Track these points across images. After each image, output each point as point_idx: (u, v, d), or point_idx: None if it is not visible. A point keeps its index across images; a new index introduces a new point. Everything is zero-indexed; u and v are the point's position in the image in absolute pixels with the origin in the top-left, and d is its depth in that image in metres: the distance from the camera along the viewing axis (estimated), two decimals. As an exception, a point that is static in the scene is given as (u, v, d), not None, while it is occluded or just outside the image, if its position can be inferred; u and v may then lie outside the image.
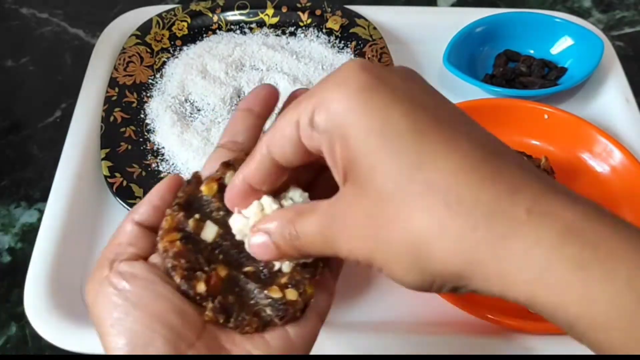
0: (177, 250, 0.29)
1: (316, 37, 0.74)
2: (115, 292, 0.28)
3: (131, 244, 0.30)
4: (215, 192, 0.30)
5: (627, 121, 0.66)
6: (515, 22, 0.73)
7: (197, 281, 0.28)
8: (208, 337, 0.28)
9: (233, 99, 0.68)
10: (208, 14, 0.75)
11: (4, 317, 0.56)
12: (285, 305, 0.29)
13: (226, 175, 0.30)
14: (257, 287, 0.29)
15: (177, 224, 0.29)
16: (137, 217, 0.30)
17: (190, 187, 0.30)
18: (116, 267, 0.29)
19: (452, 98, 0.73)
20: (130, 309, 0.27)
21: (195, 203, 0.30)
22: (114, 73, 0.69)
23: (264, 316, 0.29)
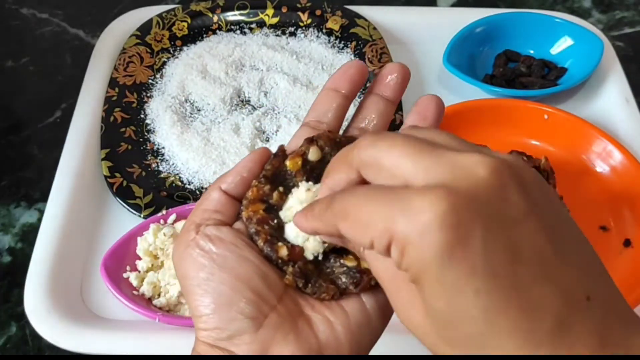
0: (261, 217, 0.30)
1: (316, 37, 0.74)
2: (202, 253, 0.29)
3: (217, 211, 0.31)
4: (300, 167, 0.31)
5: (627, 121, 0.66)
6: (515, 22, 0.73)
7: (279, 246, 0.29)
8: (289, 301, 0.29)
9: (233, 99, 0.68)
10: (208, 14, 0.75)
11: (4, 317, 0.56)
12: (360, 272, 0.29)
13: (310, 150, 0.31)
14: (333, 256, 0.30)
15: (261, 195, 0.30)
16: (224, 186, 0.31)
17: (277, 160, 0.31)
18: (203, 230, 0.30)
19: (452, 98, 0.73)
20: (216, 270, 0.28)
21: (279, 176, 0.31)
22: (114, 73, 0.69)
23: (339, 284, 0.29)
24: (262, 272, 0.29)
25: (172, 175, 0.62)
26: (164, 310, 0.53)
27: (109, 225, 0.60)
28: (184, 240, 0.30)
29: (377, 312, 0.30)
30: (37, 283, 0.53)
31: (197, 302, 0.28)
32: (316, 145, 0.31)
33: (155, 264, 0.55)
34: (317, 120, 0.33)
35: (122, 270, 0.54)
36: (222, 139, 0.63)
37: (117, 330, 0.52)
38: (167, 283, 0.54)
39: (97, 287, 0.55)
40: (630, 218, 0.59)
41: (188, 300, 0.29)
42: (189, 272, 0.29)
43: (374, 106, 0.34)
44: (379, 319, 0.30)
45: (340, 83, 0.33)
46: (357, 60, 0.34)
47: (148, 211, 0.58)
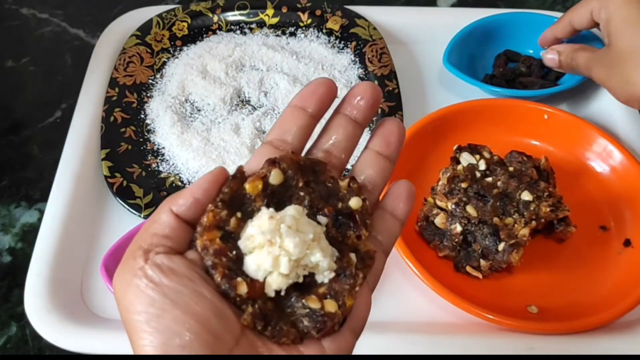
0: (218, 248, 0.27)
1: (316, 37, 0.74)
2: (151, 285, 0.26)
3: (167, 236, 0.28)
4: (260, 191, 0.29)
5: (627, 121, 0.66)
6: (515, 22, 0.73)
7: (238, 282, 0.27)
8: (246, 344, 0.27)
9: (233, 99, 0.68)
10: (208, 14, 0.75)
11: (4, 317, 0.56)
12: (324, 317, 0.28)
13: (272, 173, 0.29)
14: (295, 294, 0.28)
15: (217, 222, 0.28)
16: (175, 209, 0.28)
17: (235, 182, 0.29)
18: (153, 259, 0.27)
19: (452, 98, 0.73)
20: (168, 307, 0.26)
21: (238, 200, 0.29)
22: (114, 73, 0.69)
23: (301, 327, 0.28)
24: (219, 310, 0.26)
25: (172, 175, 0.62)
26: (164, 310, 0.53)
27: (109, 225, 0.60)
28: (130, 268, 0.27)
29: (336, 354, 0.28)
30: (37, 283, 0.53)
31: (144, 340, 0.25)
32: (278, 168, 0.29)
33: (155, 264, 0.55)
34: (280, 139, 0.31)
35: (122, 270, 0.54)
36: (222, 139, 0.63)
37: (117, 330, 0.52)
38: (167, 283, 0.54)
39: (97, 287, 0.55)
40: (630, 218, 0.59)
41: (131, 336, 0.26)
42: (135, 306, 0.26)
43: (340, 128, 0.32)
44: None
45: (307, 102, 0.31)
46: (327, 79, 0.32)
47: (148, 211, 0.58)
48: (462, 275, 0.55)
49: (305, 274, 0.28)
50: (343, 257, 0.29)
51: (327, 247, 0.29)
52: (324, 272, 0.28)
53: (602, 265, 0.56)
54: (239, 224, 0.28)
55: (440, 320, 0.53)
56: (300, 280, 0.28)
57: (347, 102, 0.32)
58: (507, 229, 0.53)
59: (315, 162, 0.31)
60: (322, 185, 0.31)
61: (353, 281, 0.29)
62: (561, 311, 0.53)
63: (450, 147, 0.59)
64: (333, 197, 0.30)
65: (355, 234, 0.30)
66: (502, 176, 0.56)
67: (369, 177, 0.32)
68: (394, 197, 0.32)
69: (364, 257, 0.30)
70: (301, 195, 0.30)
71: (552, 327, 0.51)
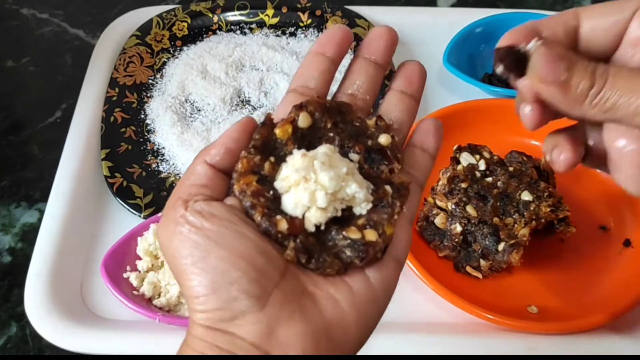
0: (255, 189, 0.28)
1: (316, 37, 0.74)
2: (194, 230, 0.27)
3: (204, 185, 0.28)
4: (290, 135, 0.29)
5: (627, 121, 0.66)
6: (515, 23, 0.71)
7: (278, 219, 0.27)
8: (291, 278, 0.27)
9: (233, 99, 0.68)
10: (208, 15, 0.75)
11: (5, 317, 0.56)
12: (366, 245, 0.28)
13: (299, 116, 0.30)
14: (335, 228, 0.28)
15: (252, 167, 0.29)
16: (209, 159, 0.29)
17: (265, 129, 0.29)
18: (193, 206, 0.27)
19: (451, 98, 0.73)
20: (213, 247, 0.26)
21: (269, 146, 0.29)
22: (114, 73, 0.69)
23: (344, 258, 0.28)
24: (261, 248, 0.27)
25: (172, 175, 0.62)
26: (164, 310, 0.53)
27: (109, 225, 0.60)
28: (172, 218, 0.28)
29: (382, 286, 0.29)
30: (37, 283, 0.53)
31: (193, 282, 0.26)
32: (306, 111, 0.30)
33: (156, 264, 0.55)
34: (304, 85, 0.32)
35: (122, 270, 0.54)
36: (222, 139, 0.63)
37: (117, 330, 0.52)
38: (167, 283, 0.54)
39: (97, 287, 0.55)
40: (630, 218, 0.59)
41: (181, 280, 0.27)
42: (181, 251, 0.27)
43: (362, 70, 0.33)
44: (384, 294, 0.29)
45: (326, 47, 0.32)
46: (342, 25, 0.33)
47: (148, 211, 0.58)
48: (462, 275, 0.55)
49: (343, 207, 0.29)
50: (378, 189, 0.30)
51: (362, 180, 0.29)
52: (361, 204, 0.29)
53: (602, 265, 0.56)
54: (273, 168, 0.29)
55: (440, 320, 0.53)
56: (338, 214, 0.29)
57: (366, 46, 0.33)
58: (507, 229, 0.53)
59: (341, 104, 0.31)
60: (350, 125, 0.31)
61: (391, 210, 0.29)
62: (561, 311, 0.53)
63: (450, 147, 0.59)
64: (362, 135, 0.31)
65: (387, 168, 0.30)
66: (502, 176, 0.56)
67: (396, 117, 0.33)
68: (422, 133, 0.33)
69: (399, 188, 0.30)
70: (330, 135, 0.31)
71: (552, 327, 0.51)
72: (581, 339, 0.50)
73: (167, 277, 0.53)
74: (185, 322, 0.51)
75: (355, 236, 0.28)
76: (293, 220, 0.28)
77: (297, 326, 0.26)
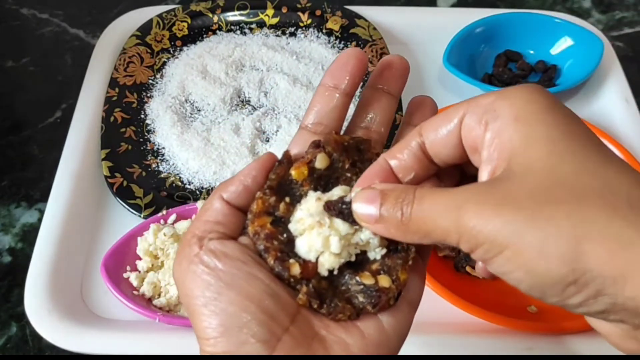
0: (269, 232, 0.28)
1: (316, 37, 0.74)
2: (207, 270, 0.27)
3: (219, 222, 0.29)
4: (306, 176, 0.29)
5: (627, 121, 0.66)
6: (515, 23, 0.73)
7: (291, 264, 0.27)
8: (302, 322, 0.27)
9: (233, 99, 0.68)
10: (208, 15, 0.75)
11: (5, 317, 0.56)
12: (378, 292, 0.28)
13: (317, 157, 0.29)
14: (348, 272, 0.28)
15: (267, 208, 0.29)
16: (226, 196, 0.29)
17: (282, 168, 0.29)
18: (207, 245, 0.28)
19: (452, 98, 0.73)
20: (224, 289, 0.26)
21: (285, 185, 0.29)
22: (114, 73, 0.69)
23: (356, 303, 0.28)
24: (273, 291, 0.27)
25: (172, 176, 0.62)
26: (164, 310, 0.53)
27: (109, 225, 0.60)
28: (186, 255, 0.28)
29: (395, 330, 0.28)
30: (37, 283, 0.53)
31: (204, 323, 0.27)
32: (324, 152, 0.29)
33: (156, 264, 0.55)
34: (317, 122, 0.31)
35: (122, 270, 0.54)
36: (222, 139, 0.63)
37: (117, 330, 0.52)
38: (167, 283, 0.54)
39: (97, 287, 0.55)
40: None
41: (193, 320, 0.27)
42: (193, 291, 0.27)
43: (375, 102, 0.32)
44: (397, 338, 0.29)
45: (339, 79, 0.31)
46: (355, 50, 0.31)
47: (148, 211, 0.58)
48: (462, 275, 0.55)
49: (357, 252, 0.29)
50: None
51: None
52: (375, 249, 0.29)
53: (602, 266, 0.56)
54: (288, 209, 0.29)
55: (440, 320, 0.53)
56: (352, 259, 0.28)
57: (377, 76, 0.32)
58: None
59: (359, 141, 0.31)
60: (367, 163, 0.30)
61: (405, 255, 0.29)
62: (561, 311, 0.52)
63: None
64: None
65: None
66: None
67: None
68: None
69: None
70: (348, 176, 0.30)
71: (552, 327, 0.51)
72: (581, 339, 0.50)
73: (167, 277, 0.53)
74: (185, 322, 0.51)
75: (369, 282, 0.28)
76: (306, 263, 0.28)
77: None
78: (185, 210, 0.57)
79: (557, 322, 0.51)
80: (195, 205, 0.57)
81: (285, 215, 0.29)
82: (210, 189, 0.61)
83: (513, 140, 0.25)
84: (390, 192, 0.27)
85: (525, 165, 0.24)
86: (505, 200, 0.23)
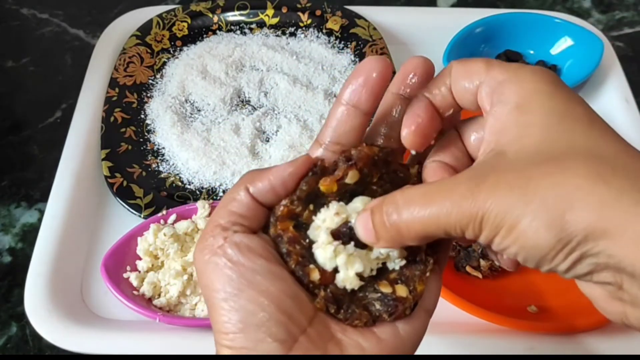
0: (292, 236, 0.28)
1: (316, 37, 0.74)
2: (229, 264, 0.27)
3: (244, 216, 0.29)
4: (334, 191, 0.29)
5: (627, 121, 0.66)
6: (515, 23, 0.73)
7: (311, 269, 0.28)
8: (319, 324, 0.28)
9: (233, 99, 0.68)
10: (208, 15, 0.75)
11: (5, 317, 0.56)
12: (395, 301, 0.28)
13: (348, 174, 0.29)
14: (367, 280, 0.29)
15: (292, 214, 0.29)
16: (252, 190, 0.29)
17: (314, 180, 0.29)
18: (232, 238, 0.28)
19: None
20: (245, 286, 0.27)
21: (312, 194, 0.29)
22: (114, 73, 0.69)
23: (372, 310, 0.28)
24: (292, 292, 0.27)
25: (172, 176, 0.62)
26: (164, 310, 0.53)
27: (109, 225, 0.60)
28: (209, 246, 0.28)
29: (410, 337, 0.29)
30: (37, 283, 0.53)
31: (223, 317, 0.27)
32: (356, 169, 0.29)
33: (156, 264, 0.55)
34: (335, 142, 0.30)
35: (122, 270, 0.54)
36: (222, 139, 0.63)
37: (117, 330, 0.52)
38: (167, 283, 0.54)
39: (97, 287, 0.55)
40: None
41: (211, 312, 0.27)
42: (214, 283, 0.27)
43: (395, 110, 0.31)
44: (412, 344, 0.29)
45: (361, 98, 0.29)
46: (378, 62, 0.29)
47: (148, 211, 0.58)
48: (462, 275, 0.55)
49: (379, 266, 0.29)
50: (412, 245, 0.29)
51: None
52: (395, 260, 0.29)
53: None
54: (310, 216, 0.29)
55: (440, 320, 0.53)
56: (374, 273, 0.29)
57: (400, 81, 0.31)
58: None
59: (388, 153, 0.30)
60: (392, 175, 0.30)
61: (424, 267, 0.29)
62: (561, 311, 0.53)
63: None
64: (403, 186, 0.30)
65: None
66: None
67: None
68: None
69: (432, 244, 0.30)
70: (374, 189, 0.30)
71: (552, 327, 0.51)
72: (581, 339, 0.50)
73: (167, 277, 0.53)
74: (184, 322, 0.51)
75: (386, 290, 0.28)
76: (325, 271, 0.28)
77: None
78: (185, 210, 0.57)
79: (558, 322, 0.51)
80: (195, 205, 0.57)
81: (307, 222, 0.29)
82: (210, 189, 0.61)
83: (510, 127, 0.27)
84: (376, 208, 0.27)
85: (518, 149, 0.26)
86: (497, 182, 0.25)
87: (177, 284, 0.53)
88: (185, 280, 0.53)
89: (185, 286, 0.53)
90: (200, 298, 0.53)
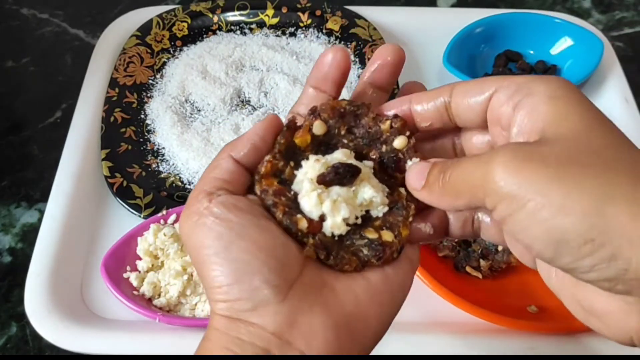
0: (277, 189, 0.29)
1: (316, 37, 0.74)
2: (218, 221, 0.27)
3: (227, 181, 0.29)
4: (308, 143, 0.30)
5: (627, 121, 0.66)
6: (515, 23, 0.73)
7: (298, 218, 0.28)
8: (311, 272, 0.28)
9: (233, 99, 0.68)
10: (208, 15, 0.75)
11: (4, 317, 0.56)
12: (382, 245, 0.29)
13: (314, 125, 0.30)
14: (353, 229, 0.30)
15: (275, 170, 0.30)
16: (235, 154, 0.30)
17: (289, 133, 0.30)
18: (217, 199, 0.28)
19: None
20: (235, 239, 0.27)
21: (289, 150, 0.30)
22: (114, 73, 0.69)
23: (361, 256, 0.29)
24: (283, 241, 0.28)
25: (172, 176, 0.62)
26: (164, 310, 0.53)
27: (109, 225, 0.60)
28: (195, 209, 0.28)
29: (398, 279, 0.29)
30: (37, 283, 0.53)
31: (215, 272, 0.27)
32: (320, 119, 0.30)
33: (156, 264, 0.55)
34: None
35: (122, 270, 0.54)
36: (222, 139, 0.63)
37: (117, 330, 0.52)
38: (167, 283, 0.54)
39: (97, 287, 0.55)
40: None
41: (203, 270, 0.27)
42: (204, 241, 0.27)
43: (365, 97, 0.32)
44: (400, 288, 0.30)
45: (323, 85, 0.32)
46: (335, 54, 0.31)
47: (148, 211, 0.58)
48: (462, 275, 0.55)
49: (362, 213, 0.30)
50: (393, 192, 0.31)
51: (377, 183, 0.30)
52: (378, 207, 0.30)
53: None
54: (292, 172, 0.30)
55: (440, 320, 0.53)
56: (359, 221, 0.29)
57: (369, 70, 0.33)
58: (507, 229, 0.53)
59: (356, 106, 0.31)
60: (362, 129, 0.31)
61: (406, 212, 0.30)
62: (561, 311, 0.52)
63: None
64: (376, 140, 0.31)
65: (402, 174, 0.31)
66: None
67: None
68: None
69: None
70: (344, 142, 0.31)
71: (552, 327, 0.51)
72: (581, 339, 0.50)
73: (167, 277, 0.53)
74: (184, 322, 0.51)
75: (373, 236, 0.29)
76: (312, 220, 0.29)
77: (319, 317, 0.27)
78: (185, 210, 0.57)
79: (558, 322, 0.51)
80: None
81: (290, 179, 0.30)
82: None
83: (548, 113, 0.26)
84: (438, 163, 0.28)
85: (558, 134, 0.25)
86: (532, 157, 0.24)
87: (177, 284, 0.53)
88: (185, 280, 0.53)
89: (185, 286, 0.53)
90: (200, 298, 0.53)
